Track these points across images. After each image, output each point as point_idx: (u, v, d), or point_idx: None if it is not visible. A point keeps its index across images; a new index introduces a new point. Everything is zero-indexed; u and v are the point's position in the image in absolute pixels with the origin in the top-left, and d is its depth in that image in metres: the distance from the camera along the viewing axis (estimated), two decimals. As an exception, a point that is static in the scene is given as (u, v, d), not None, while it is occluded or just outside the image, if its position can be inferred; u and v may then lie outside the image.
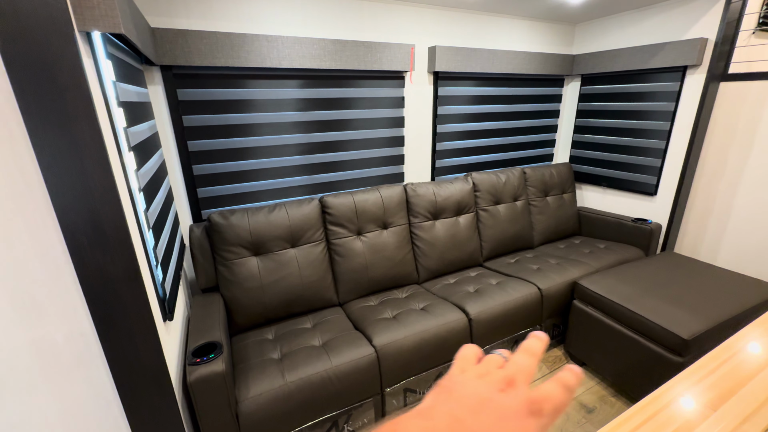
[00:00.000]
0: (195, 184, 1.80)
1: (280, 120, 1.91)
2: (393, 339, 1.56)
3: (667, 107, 2.24)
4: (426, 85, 2.28)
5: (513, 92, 2.61)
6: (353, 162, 2.18)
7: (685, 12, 2.10)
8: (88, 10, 0.82)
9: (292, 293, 1.75)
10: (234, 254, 1.68)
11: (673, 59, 2.12)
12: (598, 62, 2.52)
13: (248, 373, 1.37)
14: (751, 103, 1.98)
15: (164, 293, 1.18)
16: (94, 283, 0.89)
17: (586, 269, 2.10)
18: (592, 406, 1.74)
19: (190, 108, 1.70)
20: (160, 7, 1.54)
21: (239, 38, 1.65)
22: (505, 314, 1.81)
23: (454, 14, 2.22)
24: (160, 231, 1.27)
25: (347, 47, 1.90)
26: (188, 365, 1.18)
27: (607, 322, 1.76)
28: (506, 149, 2.74)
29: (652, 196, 2.41)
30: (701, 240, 2.30)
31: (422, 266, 2.12)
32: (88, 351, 0.93)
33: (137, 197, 1.07)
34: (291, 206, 1.81)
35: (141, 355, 0.99)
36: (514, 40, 2.48)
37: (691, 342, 1.45)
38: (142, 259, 1.01)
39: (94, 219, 0.85)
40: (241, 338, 1.64)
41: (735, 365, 0.82)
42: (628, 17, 2.37)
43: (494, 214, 2.34)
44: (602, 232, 2.58)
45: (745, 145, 2.04)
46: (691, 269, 1.98)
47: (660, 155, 2.32)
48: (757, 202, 2.03)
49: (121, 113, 1.05)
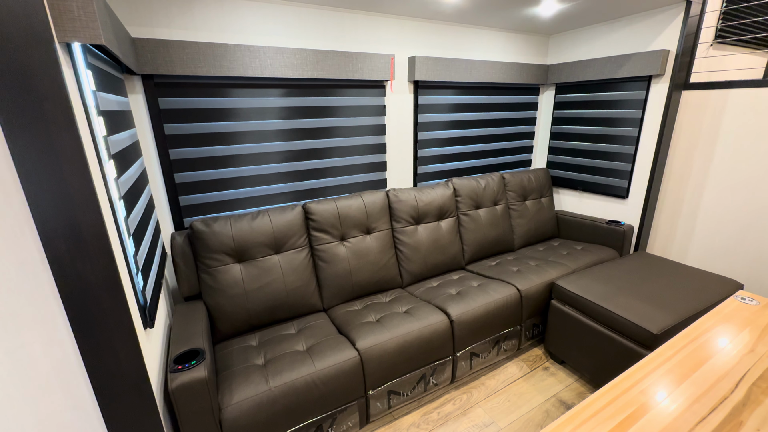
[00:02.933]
0: (177, 192, 1.80)
1: (263, 128, 1.93)
2: (376, 342, 1.58)
3: (635, 114, 2.36)
4: (407, 94, 2.34)
5: (491, 100, 2.70)
6: (336, 169, 2.21)
7: (649, 25, 2.23)
8: (69, 22, 0.84)
9: (276, 299, 1.76)
10: (217, 261, 1.68)
11: (639, 69, 2.24)
12: (570, 72, 2.64)
13: (231, 380, 1.37)
14: (712, 110, 2.11)
15: (145, 300, 1.18)
16: (73, 291, 0.89)
17: (563, 270, 2.18)
18: (571, 402, 1.79)
19: (172, 116, 1.71)
20: (141, 18, 1.56)
21: (221, 48, 1.67)
22: (486, 315, 1.86)
23: (432, 26, 2.30)
24: (141, 238, 1.27)
25: (329, 57, 1.94)
26: (170, 372, 1.17)
27: (584, 320, 1.83)
28: (486, 155, 2.83)
29: (624, 199, 2.52)
30: (671, 240, 2.42)
31: (405, 270, 2.15)
32: (66, 360, 0.92)
33: (117, 205, 1.07)
34: (274, 213, 1.82)
35: (121, 363, 0.99)
36: (491, 50, 2.58)
37: (660, 336, 1.53)
38: (122, 266, 1.01)
39: (73, 227, 0.85)
40: (225, 345, 1.63)
41: (690, 351, 0.88)
42: (598, 30, 2.49)
43: (475, 218, 2.40)
44: (579, 234, 2.68)
45: (708, 149, 2.16)
46: (662, 268, 2.07)
47: (630, 160, 2.43)
48: (721, 203, 2.15)
49: (101, 122, 1.05)
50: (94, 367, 0.95)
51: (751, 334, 1.07)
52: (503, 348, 2.01)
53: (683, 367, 0.81)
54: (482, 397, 1.84)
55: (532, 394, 1.85)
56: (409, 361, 1.66)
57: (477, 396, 1.85)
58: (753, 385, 0.85)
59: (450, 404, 1.80)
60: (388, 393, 1.65)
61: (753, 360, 0.93)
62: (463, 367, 1.87)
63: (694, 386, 0.76)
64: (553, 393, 1.85)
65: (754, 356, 0.96)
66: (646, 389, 0.78)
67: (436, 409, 1.78)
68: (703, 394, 0.72)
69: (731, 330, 1.08)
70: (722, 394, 0.80)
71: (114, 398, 0.99)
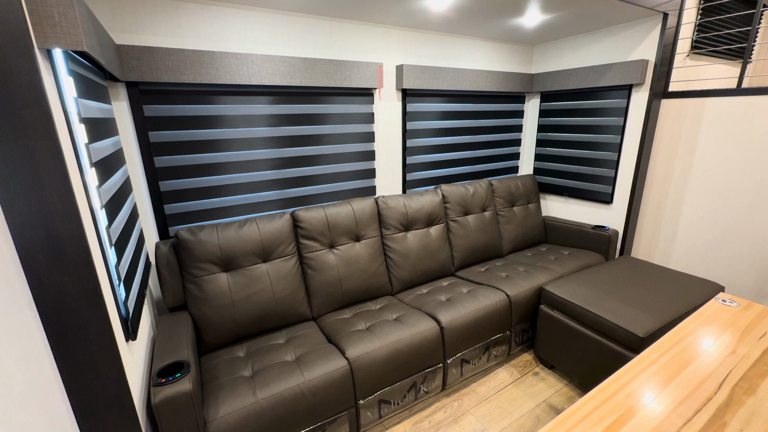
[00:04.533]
0: (162, 200, 1.77)
1: (251, 135, 1.92)
2: (366, 350, 1.56)
3: (617, 122, 2.42)
4: (395, 102, 2.36)
5: (478, 108, 2.75)
6: (325, 176, 2.20)
7: (628, 36, 2.30)
8: (50, 28, 0.82)
9: (264, 309, 1.73)
10: (203, 271, 1.65)
11: (620, 78, 2.31)
12: (555, 80, 2.70)
13: (218, 393, 1.34)
14: (690, 118, 2.18)
15: (127, 312, 1.14)
16: (50, 302, 0.86)
17: (551, 275, 2.20)
18: (561, 407, 1.80)
19: (157, 124, 1.69)
20: (126, 25, 1.54)
21: (208, 55, 1.66)
22: (476, 321, 1.86)
23: (420, 35, 2.34)
24: (124, 248, 1.24)
25: (317, 65, 1.95)
26: (153, 386, 1.14)
27: (572, 324, 1.85)
28: (474, 162, 2.86)
29: (609, 205, 2.57)
30: (655, 244, 2.47)
31: (395, 277, 2.15)
32: (42, 376, 0.89)
33: (99, 214, 1.05)
34: (262, 221, 1.80)
35: (101, 377, 0.96)
36: (478, 59, 2.63)
37: (646, 339, 1.55)
38: (103, 276, 0.99)
39: (51, 236, 0.83)
40: (211, 357, 1.59)
41: (675, 354, 0.89)
42: (580, 40, 2.56)
43: (464, 224, 2.42)
44: (566, 239, 2.71)
45: (687, 155, 2.23)
46: (647, 271, 2.11)
47: (614, 166, 2.49)
48: (701, 207, 2.21)
49: (82, 129, 1.03)
50: (72, 382, 0.92)
51: (732, 336, 1.09)
52: (493, 354, 2.01)
53: (668, 370, 0.82)
54: (473, 404, 1.83)
55: (522, 399, 1.85)
56: (400, 369, 1.65)
57: (468, 403, 1.84)
58: (735, 386, 0.87)
59: (441, 412, 1.79)
60: (379, 402, 1.63)
61: (735, 361, 0.95)
62: (453, 374, 1.86)
63: (679, 388, 0.77)
64: (544, 398, 1.86)
65: (735, 357, 0.98)
66: (633, 392, 0.79)
67: (427, 417, 1.76)
68: (687, 396, 0.73)
69: (713, 332, 1.11)
70: (706, 395, 0.82)
71: (93, 415, 0.95)
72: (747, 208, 2.03)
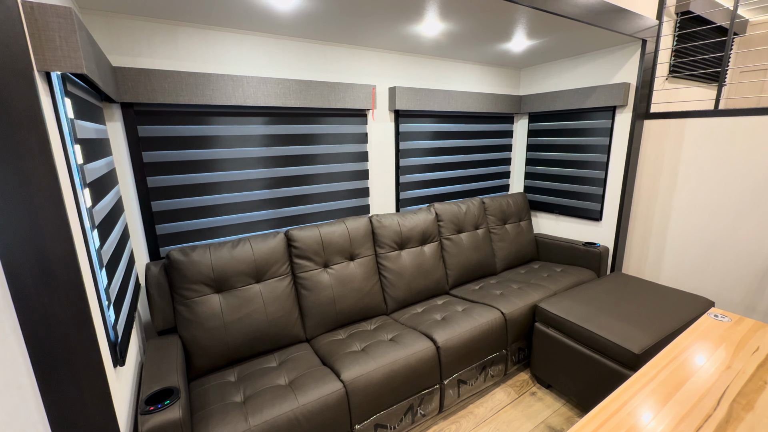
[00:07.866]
0: (154, 220, 1.75)
1: (245, 155, 1.93)
2: (362, 372, 1.53)
3: (603, 141, 2.50)
4: (388, 122, 2.41)
5: (469, 128, 2.81)
6: (319, 195, 2.21)
7: (611, 60, 2.41)
8: (50, 51, 0.83)
9: (256, 330, 1.69)
10: (195, 292, 1.61)
11: (604, 100, 2.40)
12: (542, 102, 2.79)
13: (208, 420, 1.28)
14: (672, 137, 2.27)
15: (116, 336, 1.11)
16: (37, 327, 0.83)
17: (545, 292, 2.21)
18: (560, 428, 1.77)
19: (151, 144, 1.69)
20: (123, 47, 1.56)
21: (204, 77, 1.69)
22: (472, 340, 1.85)
23: (412, 59, 2.41)
24: (114, 270, 1.21)
25: (312, 87, 1.99)
26: (140, 414, 1.09)
27: (567, 342, 1.84)
28: (465, 181, 2.90)
29: (599, 222, 2.62)
30: (644, 260, 2.51)
31: (390, 296, 2.13)
32: (24, 405, 0.85)
33: (90, 235, 1.03)
34: (256, 240, 1.78)
35: (87, 406, 0.92)
36: (468, 81, 2.71)
37: (642, 356, 1.55)
38: (93, 300, 0.96)
39: (41, 258, 0.81)
40: (201, 382, 1.54)
41: (672, 371, 0.89)
42: (565, 64, 2.67)
43: (457, 242, 2.43)
44: (558, 256, 2.74)
45: (671, 174, 2.30)
46: (638, 288, 2.14)
47: (601, 184, 2.55)
48: (687, 223, 2.27)
49: (78, 150, 1.03)
50: (56, 412, 0.88)
51: (727, 351, 1.10)
52: (490, 374, 1.99)
53: (666, 387, 0.83)
54: (471, 427, 1.79)
55: (521, 421, 1.82)
56: (396, 391, 1.61)
57: (466, 426, 1.80)
58: (734, 402, 0.87)
59: (439, 436, 1.74)
60: (375, 426, 1.59)
61: (731, 376, 0.96)
62: (450, 395, 1.82)
63: (678, 405, 0.77)
64: (542, 419, 1.82)
65: (731, 372, 0.98)
66: (633, 411, 0.78)
67: (424, 441, 1.72)
68: (687, 413, 0.73)
69: (708, 347, 1.12)
70: (705, 412, 0.82)
71: (77, 446, 0.90)
72: (731, 223, 2.09)
